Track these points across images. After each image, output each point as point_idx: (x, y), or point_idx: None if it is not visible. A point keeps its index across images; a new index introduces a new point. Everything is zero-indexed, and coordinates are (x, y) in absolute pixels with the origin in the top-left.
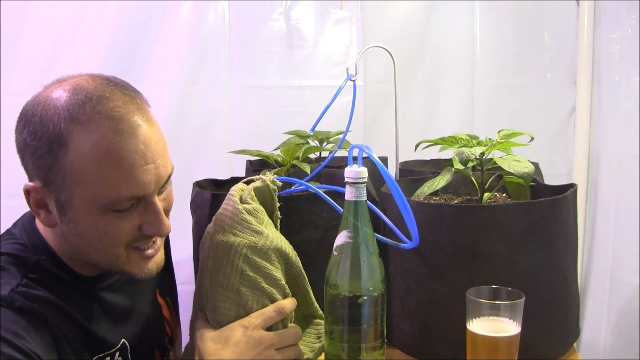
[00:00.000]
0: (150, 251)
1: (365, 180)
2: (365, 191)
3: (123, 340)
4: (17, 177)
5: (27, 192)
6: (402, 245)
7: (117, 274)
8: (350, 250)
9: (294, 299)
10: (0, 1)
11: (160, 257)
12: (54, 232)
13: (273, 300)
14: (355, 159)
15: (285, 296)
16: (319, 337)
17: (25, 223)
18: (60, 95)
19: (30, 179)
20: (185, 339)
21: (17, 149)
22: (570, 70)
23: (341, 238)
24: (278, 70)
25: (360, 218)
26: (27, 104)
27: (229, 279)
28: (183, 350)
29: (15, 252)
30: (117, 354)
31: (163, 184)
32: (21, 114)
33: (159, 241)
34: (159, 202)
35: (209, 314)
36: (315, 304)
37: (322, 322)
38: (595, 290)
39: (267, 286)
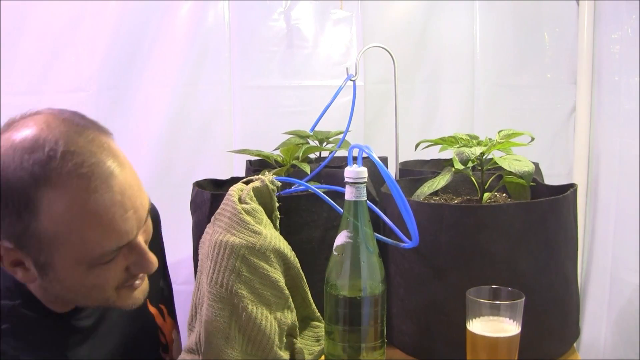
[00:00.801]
0: (137, 282)
1: (365, 180)
2: (365, 191)
3: None
4: None
5: None
6: (402, 245)
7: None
8: (350, 250)
9: None
10: (0, 1)
11: (145, 284)
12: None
13: (267, 303)
14: (355, 159)
15: (284, 298)
16: (318, 340)
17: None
18: (20, 153)
19: (2, 238)
20: (182, 339)
21: None
22: (570, 70)
23: (341, 238)
24: (278, 70)
25: (360, 218)
26: None
27: (225, 279)
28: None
29: None
30: None
31: (144, 223)
32: None
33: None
34: (141, 240)
35: (203, 312)
36: (313, 305)
37: (320, 324)
38: (595, 290)
39: (262, 287)
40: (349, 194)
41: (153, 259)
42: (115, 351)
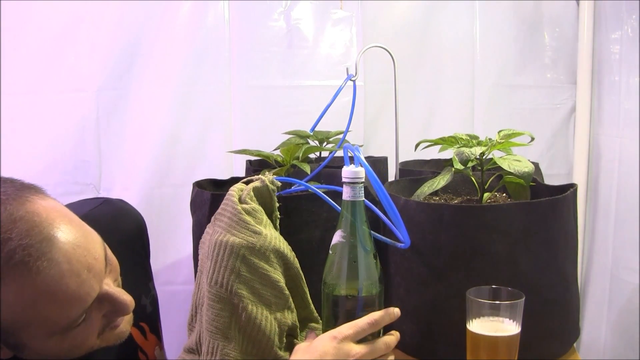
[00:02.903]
0: (119, 320)
1: (363, 180)
2: (362, 191)
3: None
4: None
5: None
6: (399, 244)
7: None
8: (347, 249)
9: (390, 311)
10: (0, 1)
11: (128, 317)
12: None
13: (267, 303)
14: (352, 159)
15: (284, 298)
16: None
17: None
18: None
19: None
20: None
21: None
22: (570, 70)
23: (337, 238)
24: (278, 70)
25: (357, 218)
26: None
27: (225, 279)
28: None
29: None
30: None
31: (104, 272)
32: None
33: None
34: (109, 285)
35: (203, 312)
36: (312, 306)
37: (318, 326)
38: (595, 290)
39: (262, 287)
40: (346, 193)
41: (127, 299)
42: None
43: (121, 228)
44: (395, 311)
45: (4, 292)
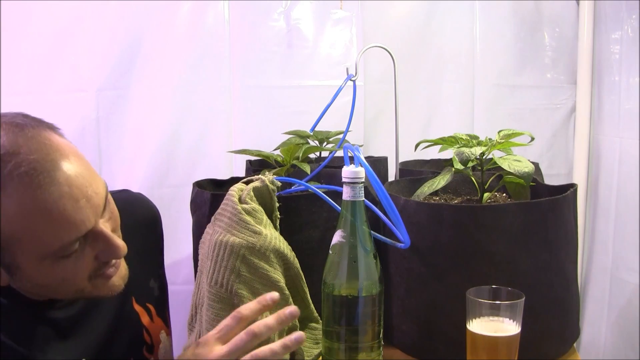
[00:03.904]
0: (112, 269)
1: (363, 180)
2: (362, 191)
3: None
4: None
5: None
6: (399, 245)
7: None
8: (347, 249)
9: (256, 304)
10: (0, 1)
11: (124, 269)
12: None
13: None
14: (352, 159)
15: (284, 298)
16: (317, 343)
17: None
18: None
19: None
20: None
21: None
22: (570, 70)
23: (336, 237)
24: (278, 70)
25: (357, 218)
26: None
27: (225, 279)
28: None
29: None
30: None
31: (102, 209)
32: None
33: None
34: (105, 227)
35: (203, 312)
36: (312, 306)
37: (318, 326)
38: (595, 290)
39: (262, 287)
40: (346, 194)
41: (120, 243)
42: (93, 343)
43: (136, 213)
44: (287, 312)
45: (5, 203)
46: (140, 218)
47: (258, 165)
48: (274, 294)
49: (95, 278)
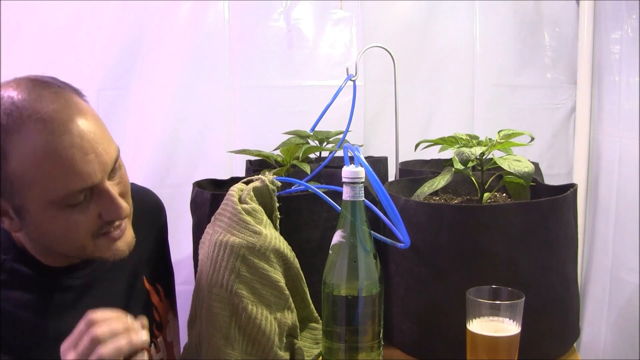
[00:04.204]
0: (116, 232)
1: (363, 180)
2: (362, 191)
3: None
4: None
5: None
6: (399, 245)
7: (90, 260)
8: (347, 249)
9: (111, 313)
10: (0, 1)
11: (129, 236)
12: (24, 236)
13: (267, 303)
14: (352, 159)
15: (284, 298)
16: (317, 343)
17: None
18: None
19: None
20: (182, 339)
21: None
22: (570, 70)
23: (336, 237)
24: (278, 70)
25: (357, 218)
26: None
27: (225, 279)
28: (182, 349)
29: None
30: None
31: (111, 169)
32: None
33: (124, 222)
34: (111, 187)
35: (203, 312)
36: (312, 306)
37: (318, 326)
38: (595, 290)
39: (262, 287)
40: (346, 193)
41: (123, 204)
42: None
43: (145, 200)
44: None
45: (21, 145)
46: (149, 205)
47: (258, 165)
48: (143, 320)
49: (99, 237)
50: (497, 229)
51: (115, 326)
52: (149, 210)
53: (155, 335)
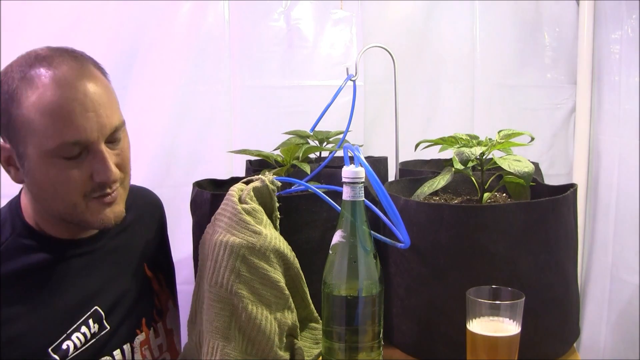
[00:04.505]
0: (108, 198)
1: (363, 180)
2: (362, 191)
3: (96, 307)
4: None
5: None
6: (399, 245)
7: (77, 224)
8: (347, 249)
9: None
10: (0, 1)
11: (118, 209)
12: (28, 200)
13: (267, 303)
14: (352, 159)
15: (284, 298)
16: (316, 343)
17: (12, 201)
18: (16, 60)
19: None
20: (182, 339)
21: None
22: (570, 70)
23: (336, 237)
24: (278, 70)
25: (357, 218)
26: None
27: (225, 279)
28: (182, 348)
29: None
30: (90, 320)
31: (110, 134)
32: None
33: (117, 192)
34: (106, 151)
35: (203, 312)
36: (312, 306)
37: (318, 326)
38: (595, 290)
39: (262, 287)
40: (346, 194)
41: (114, 168)
42: (110, 291)
43: (146, 196)
44: None
45: (31, 94)
46: (148, 200)
47: (258, 165)
48: None
49: (91, 200)
50: (497, 229)
51: None
52: (149, 205)
53: (156, 320)
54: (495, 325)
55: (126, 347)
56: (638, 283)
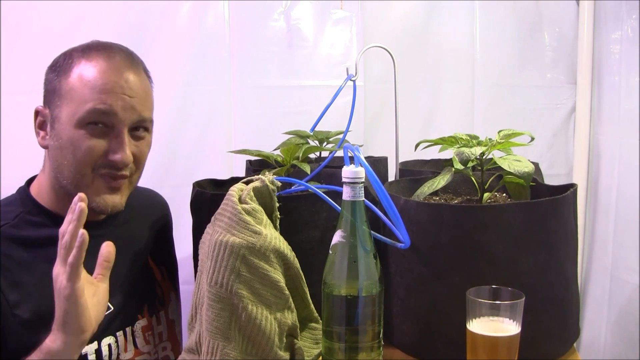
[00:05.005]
0: (114, 183)
1: (363, 180)
2: (362, 191)
3: None
4: (18, 176)
5: (36, 114)
6: (399, 245)
7: (100, 224)
8: (347, 249)
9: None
10: (0, 1)
11: (118, 199)
12: (46, 175)
13: (267, 303)
14: (352, 159)
15: (284, 298)
16: (316, 343)
17: (21, 187)
18: (80, 44)
19: (42, 104)
20: (182, 339)
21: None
22: (570, 70)
23: (337, 238)
24: (278, 70)
25: (357, 218)
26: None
27: (225, 279)
28: (183, 348)
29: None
30: None
31: (136, 123)
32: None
33: (123, 183)
34: (128, 137)
35: (203, 312)
36: (312, 306)
37: (318, 326)
38: (595, 290)
39: (262, 287)
40: (346, 194)
41: (128, 152)
42: (110, 275)
43: (152, 196)
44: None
45: (83, 67)
46: (155, 200)
47: (258, 165)
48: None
49: (97, 175)
50: (497, 229)
51: None
52: (154, 204)
53: (157, 308)
54: (495, 325)
55: (128, 329)
56: (638, 283)
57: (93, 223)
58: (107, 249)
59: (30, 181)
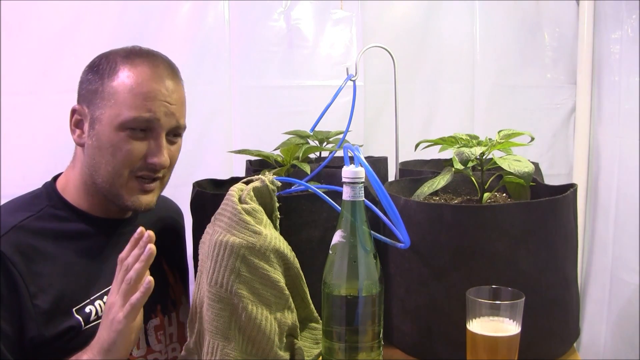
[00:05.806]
0: (148, 185)
1: (363, 180)
2: (362, 191)
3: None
4: (17, 176)
5: (73, 112)
6: (399, 245)
7: (111, 199)
8: (347, 249)
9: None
10: (0, 1)
11: (151, 199)
12: (77, 171)
13: (267, 303)
14: (352, 159)
15: (284, 298)
16: (316, 343)
17: (47, 182)
18: (122, 48)
19: (78, 103)
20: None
21: (79, 85)
22: (570, 70)
23: (337, 238)
24: (278, 70)
25: (357, 218)
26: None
27: (225, 279)
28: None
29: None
30: (105, 297)
31: (172, 129)
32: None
33: (156, 185)
34: (166, 146)
35: (203, 312)
36: (312, 306)
37: (318, 326)
38: (595, 290)
39: (262, 287)
40: (346, 194)
41: (166, 155)
42: None
43: (168, 203)
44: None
45: (127, 71)
46: (171, 208)
47: (258, 165)
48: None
49: (133, 178)
50: (497, 229)
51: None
52: (170, 211)
53: (170, 310)
54: (495, 325)
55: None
56: (638, 283)
57: (116, 221)
58: (148, 279)
59: (57, 177)
